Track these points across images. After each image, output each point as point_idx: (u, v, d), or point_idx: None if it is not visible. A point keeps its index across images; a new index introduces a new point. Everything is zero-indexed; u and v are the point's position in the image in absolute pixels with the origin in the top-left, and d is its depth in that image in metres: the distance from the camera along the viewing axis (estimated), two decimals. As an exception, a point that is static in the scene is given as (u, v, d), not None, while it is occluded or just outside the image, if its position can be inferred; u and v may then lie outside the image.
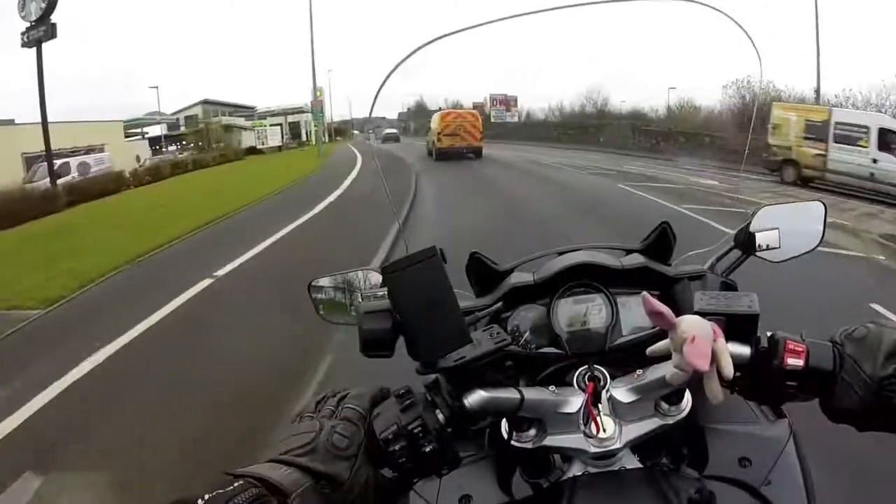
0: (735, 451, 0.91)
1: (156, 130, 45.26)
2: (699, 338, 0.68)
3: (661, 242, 1.19)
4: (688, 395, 0.84)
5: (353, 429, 0.71)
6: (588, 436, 0.82)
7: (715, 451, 0.92)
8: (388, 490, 0.75)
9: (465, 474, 0.93)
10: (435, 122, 25.32)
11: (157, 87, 48.72)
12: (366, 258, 6.89)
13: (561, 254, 1.17)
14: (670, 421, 0.83)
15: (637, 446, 0.86)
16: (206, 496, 0.54)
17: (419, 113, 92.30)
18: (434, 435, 0.72)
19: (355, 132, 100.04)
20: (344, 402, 0.75)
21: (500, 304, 1.06)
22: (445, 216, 11.50)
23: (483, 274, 1.19)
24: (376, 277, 1.05)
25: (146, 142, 40.44)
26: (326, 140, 68.01)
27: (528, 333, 1.08)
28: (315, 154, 30.93)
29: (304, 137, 58.68)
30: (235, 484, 0.56)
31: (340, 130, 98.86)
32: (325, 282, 1.13)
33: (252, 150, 38.36)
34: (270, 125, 63.55)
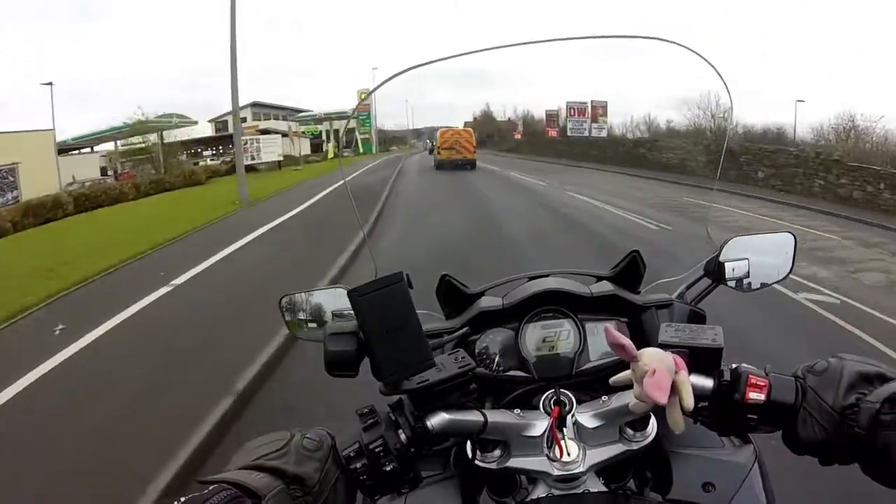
0: (699, 476, 0.91)
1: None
2: (659, 371, 0.67)
3: (631, 270, 1.19)
4: (653, 422, 0.84)
5: (322, 436, 0.73)
6: (552, 459, 0.82)
7: (679, 476, 0.91)
8: (352, 495, 0.74)
9: (430, 493, 0.93)
10: (436, 138, 29.21)
11: (50, 84, 28.31)
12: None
13: (532, 279, 1.18)
14: (635, 447, 0.83)
15: (602, 470, 0.87)
16: (182, 499, 0.54)
17: (485, 123, 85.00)
18: (395, 455, 0.72)
19: (415, 142, 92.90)
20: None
21: (466, 329, 1.07)
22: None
23: (453, 296, 1.20)
24: (345, 296, 0.90)
25: (98, 158, 32.60)
26: (375, 150, 61.05)
27: (495, 356, 1.08)
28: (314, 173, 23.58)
29: (352, 146, 50.72)
30: (210, 489, 0.56)
31: (396, 139, 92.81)
32: (295, 298, 1.09)
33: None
34: (308, 131, 56.75)
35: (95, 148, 37.17)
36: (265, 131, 63.43)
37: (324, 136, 51.55)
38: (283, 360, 4.76)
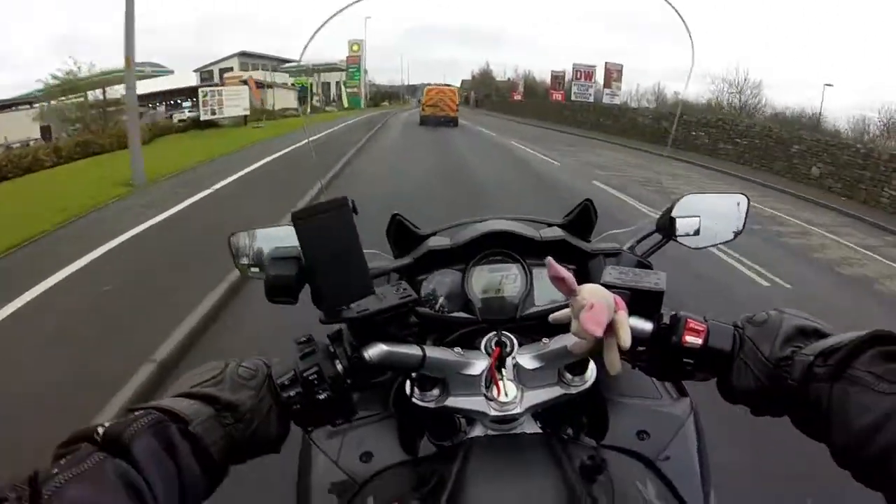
0: (635, 424, 0.92)
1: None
2: (597, 305, 0.67)
3: (582, 219, 1.21)
4: (592, 367, 0.84)
5: (258, 365, 0.72)
6: (489, 399, 0.82)
7: (615, 423, 0.92)
8: (286, 424, 0.72)
9: (368, 432, 0.94)
10: (422, 95, 29.92)
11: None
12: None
13: (482, 221, 1.17)
14: (573, 391, 0.83)
15: (540, 414, 0.87)
16: (107, 424, 0.53)
17: (484, 83, 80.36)
18: (329, 384, 0.71)
19: (409, 98, 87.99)
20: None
21: (410, 261, 1.10)
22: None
23: (403, 236, 1.21)
24: (292, 235, 0.86)
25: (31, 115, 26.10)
26: (364, 105, 56.63)
27: (441, 297, 1.09)
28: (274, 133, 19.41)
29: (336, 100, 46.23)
30: (136, 413, 0.56)
31: (388, 95, 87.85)
32: (243, 236, 1.04)
33: (199, 124, 24.88)
34: (305, 82, 51.98)
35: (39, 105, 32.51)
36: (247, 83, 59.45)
37: (314, 89, 46.62)
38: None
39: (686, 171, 15.43)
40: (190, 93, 55.09)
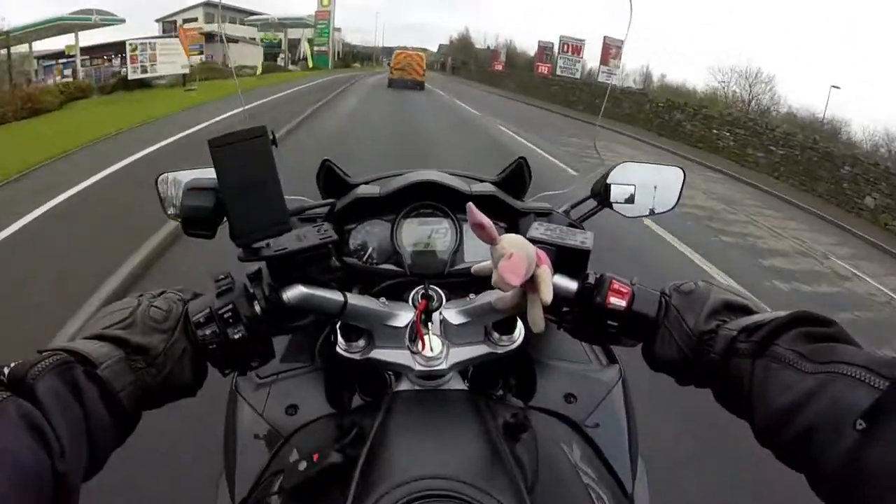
0: (562, 387, 0.92)
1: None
2: (517, 255, 0.65)
3: (516, 177, 1.19)
4: (520, 327, 0.83)
5: (172, 304, 0.69)
6: (414, 352, 0.80)
7: (543, 385, 0.92)
8: (202, 366, 0.70)
9: (295, 384, 0.93)
10: (392, 59, 30.18)
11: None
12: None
13: (414, 173, 1.16)
14: (500, 350, 0.82)
15: (467, 373, 0.87)
16: (12, 364, 0.52)
17: (462, 49, 76.02)
18: (245, 323, 0.69)
19: (385, 60, 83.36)
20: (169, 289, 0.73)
21: (333, 201, 1.06)
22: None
23: (333, 183, 1.17)
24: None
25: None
26: (331, 66, 51.98)
27: (370, 249, 1.08)
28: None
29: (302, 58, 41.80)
30: (42, 354, 0.54)
31: (361, 56, 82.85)
32: (171, 176, 0.99)
33: (128, 84, 20.95)
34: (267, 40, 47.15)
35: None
36: (210, 36, 54.20)
37: (284, 46, 41.99)
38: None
39: (720, 185, 12.10)
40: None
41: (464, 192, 1.08)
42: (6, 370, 0.51)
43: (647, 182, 1.09)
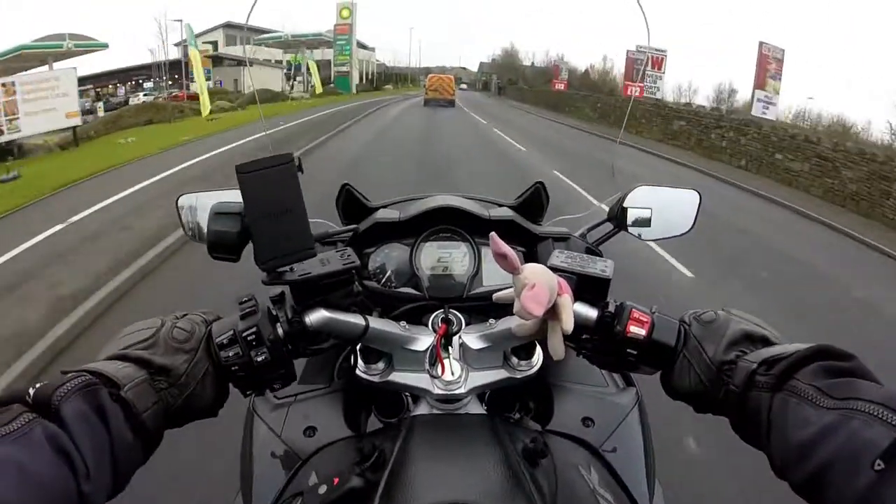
0: (579, 410, 0.90)
1: None
2: (539, 285, 0.65)
3: (533, 201, 1.19)
4: (539, 353, 0.83)
5: (195, 325, 0.69)
6: (433, 376, 0.80)
7: (560, 409, 0.91)
8: (224, 387, 0.70)
9: (313, 405, 0.92)
10: (426, 81, 35.14)
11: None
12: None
13: (432, 198, 1.16)
14: (518, 375, 0.81)
15: (485, 396, 0.87)
16: (38, 385, 0.52)
17: (508, 66, 67.64)
18: (268, 346, 0.69)
19: (423, 79, 76.11)
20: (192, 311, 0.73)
21: (356, 227, 1.07)
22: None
23: (353, 207, 1.18)
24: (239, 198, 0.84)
25: None
26: (354, 90, 44.24)
27: (389, 272, 1.07)
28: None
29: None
30: (67, 376, 0.54)
31: (395, 77, 75.30)
32: (191, 198, 1.01)
33: None
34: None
35: None
36: (217, 59, 47.38)
37: (304, 68, 34.21)
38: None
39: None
40: (143, 71, 44.11)
41: (482, 217, 1.08)
42: (31, 391, 0.51)
43: (664, 205, 1.08)
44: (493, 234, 0.68)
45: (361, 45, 67.03)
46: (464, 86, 62.02)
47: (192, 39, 14.14)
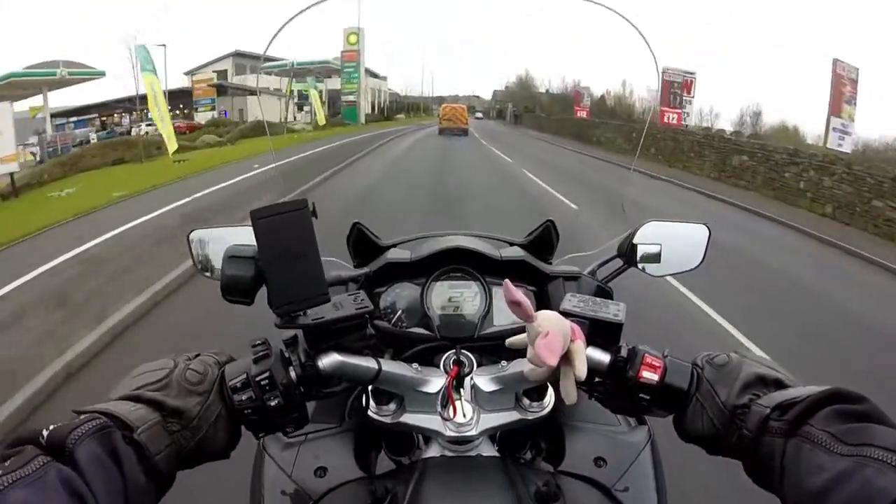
0: (591, 450, 0.90)
1: None
2: (553, 333, 0.65)
3: (544, 239, 1.19)
4: (551, 393, 0.83)
5: (207, 366, 0.69)
6: (445, 418, 0.80)
7: (572, 449, 0.91)
8: (236, 429, 0.70)
9: (324, 445, 0.91)
10: (439, 111, 35.32)
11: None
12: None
13: (445, 237, 1.15)
14: (530, 417, 0.82)
15: (497, 436, 0.88)
16: (51, 427, 0.52)
17: (520, 94, 65.46)
18: (281, 390, 0.69)
19: (435, 108, 74.29)
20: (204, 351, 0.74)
21: (368, 271, 1.07)
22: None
23: (364, 246, 1.18)
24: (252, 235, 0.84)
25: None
26: (362, 120, 42.04)
27: (400, 311, 1.06)
28: None
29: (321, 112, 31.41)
30: (80, 418, 0.55)
31: (408, 106, 73.40)
32: (203, 233, 1.02)
33: None
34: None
35: None
36: (222, 88, 45.55)
37: (315, 97, 31.81)
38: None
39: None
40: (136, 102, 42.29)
41: (493, 257, 1.08)
42: (45, 432, 0.51)
43: (673, 240, 1.08)
44: (506, 281, 0.67)
45: (373, 74, 65.38)
46: (479, 115, 59.83)
47: (147, 64, 11.54)
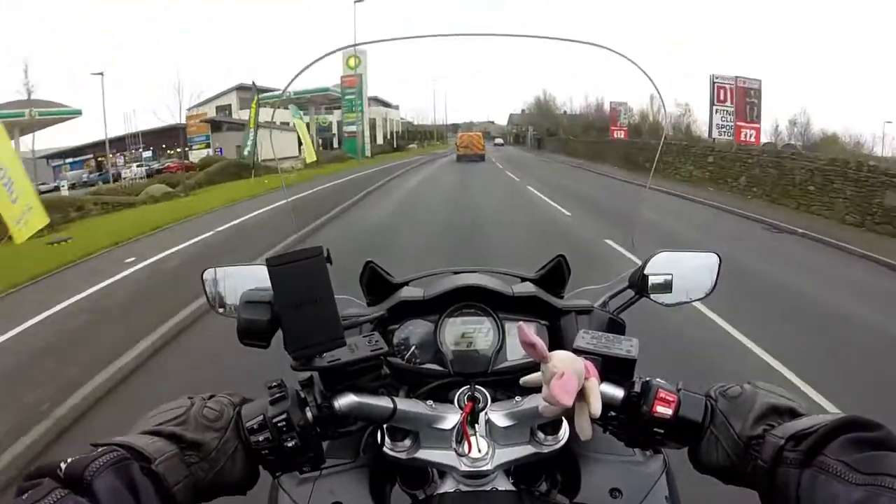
0: (607, 482, 0.90)
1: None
2: (567, 374, 0.66)
3: (555, 274, 1.18)
4: (565, 427, 0.84)
5: (224, 406, 0.70)
6: (460, 454, 0.81)
7: (587, 480, 0.91)
8: (254, 467, 0.71)
9: (339, 481, 0.91)
10: (457, 139, 36.21)
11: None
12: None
13: (456, 273, 1.17)
14: (545, 450, 0.83)
15: (511, 469, 0.87)
16: (69, 459, 0.53)
17: (540, 116, 60.64)
18: (298, 432, 0.70)
19: (450, 136, 69.98)
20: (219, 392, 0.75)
21: (383, 312, 1.07)
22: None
23: (377, 284, 1.18)
24: (265, 273, 0.86)
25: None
26: (367, 153, 37.34)
27: (413, 348, 1.07)
28: None
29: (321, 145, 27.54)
30: (99, 450, 0.55)
31: (420, 135, 69.15)
32: (217, 272, 1.03)
33: None
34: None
35: None
36: (217, 124, 41.80)
37: (301, 129, 27.66)
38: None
39: None
40: (129, 140, 39.41)
41: (506, 294, 1.08)
42: (63, 465, 0.52)
43: (684, 269, 1.09)
44: (520, 324, 0.69)
45: (384, 103, 61.45)
46: (498, 141, 54.77)
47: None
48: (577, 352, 0.72)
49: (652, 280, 1.07)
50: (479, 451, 0.79)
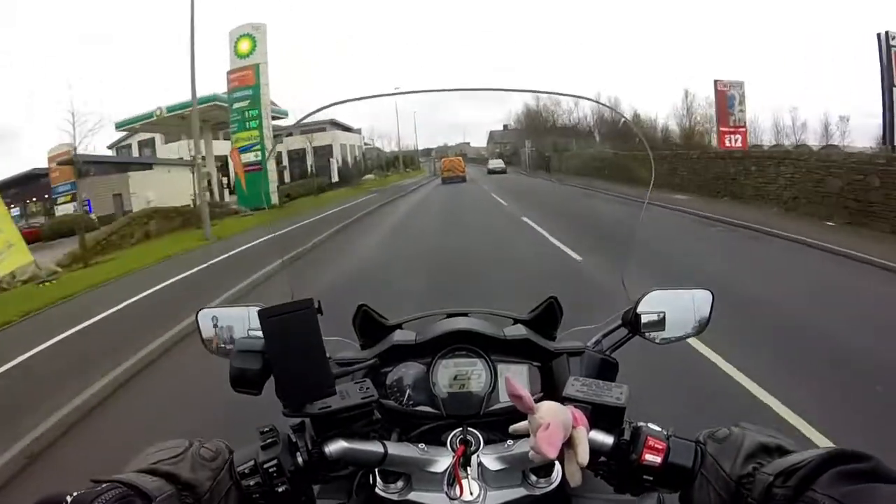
0: None
1: None
2: (553, 426, 0.67)
3: (547, 315, 1.21)
4: (557, 468, 0.85)
5: (220, 448, 0.74)
6: (451, 497, 0.81)
7: None
8: None
9: None
10: (440, 164, 41.46)
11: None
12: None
13: (449, 315, 1.18)
14: (537, 493, 0.84)
15: None
16: (75, 493, 0.55)
17: (537, 129, 47.98)
18: (288, 477, 0.72)
19: (422, 161, 62.66)
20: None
21: (375, 360, 1.08)
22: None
23: (369, 326, 1.20)
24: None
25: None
26: (273, 199, 23.26)
27: (406, 390, 1.07)
28: None
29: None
30: (102, 486, 0.58)
31: (384, 163, 56.80)
32: (212, 313, 1.04)
33: None
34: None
35: None
36: (84, 169, 29.30)
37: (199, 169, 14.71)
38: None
39: None
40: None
41: (498, 337, 1.09)
42: (69, 499, 0.53)
43: (677, 307, 1.07)
44: (507, 376, 0.70)
45: (345, 128, 49.16)
46: (497, 165, 41.06)
47: None
48: (567, 400, 0.72)
49: (645, 318, 1.05)
50: (472, 493, 0.79)
